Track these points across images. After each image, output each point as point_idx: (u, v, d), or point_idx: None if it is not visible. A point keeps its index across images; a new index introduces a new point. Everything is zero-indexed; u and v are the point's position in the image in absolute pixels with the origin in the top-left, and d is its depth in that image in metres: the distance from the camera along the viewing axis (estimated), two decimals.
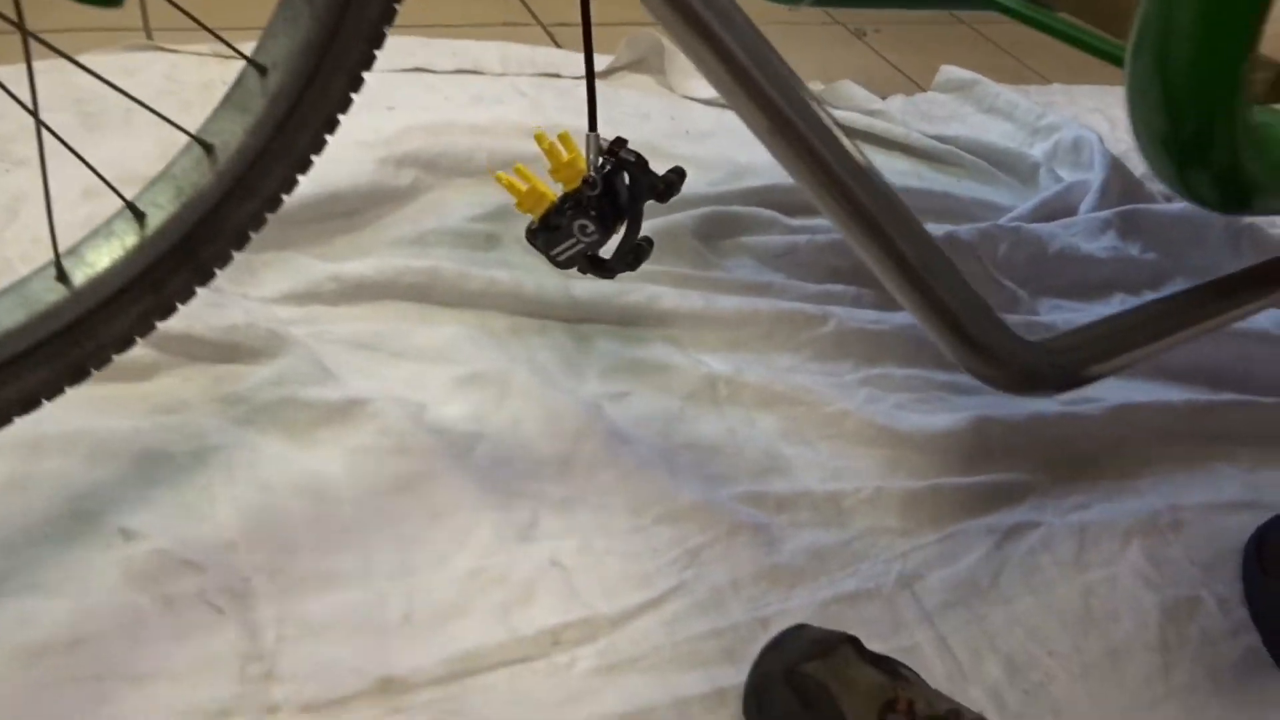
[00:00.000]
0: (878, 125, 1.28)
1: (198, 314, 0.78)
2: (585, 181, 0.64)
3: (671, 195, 0.66)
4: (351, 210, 0.96)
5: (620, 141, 0.65)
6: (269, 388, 0.76)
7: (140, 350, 0.75)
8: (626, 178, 0.64)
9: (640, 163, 0.64)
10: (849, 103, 1.33)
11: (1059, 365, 0.62)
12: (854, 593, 0.72)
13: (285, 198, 0.59)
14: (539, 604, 0.67)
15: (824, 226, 1.06)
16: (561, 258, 0.66)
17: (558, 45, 1.40)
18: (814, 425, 0.85)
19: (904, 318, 0.97)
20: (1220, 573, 0.79)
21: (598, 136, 0.64)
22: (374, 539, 0.68)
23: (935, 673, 0.68)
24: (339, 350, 0.81)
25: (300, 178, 0.58)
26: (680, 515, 0.74)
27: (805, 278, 1.01)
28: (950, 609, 0.72)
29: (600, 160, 0.64)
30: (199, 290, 0.60)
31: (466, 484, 0.73)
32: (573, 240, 0.65)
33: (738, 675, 0.65)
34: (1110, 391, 0.94)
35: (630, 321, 0.92)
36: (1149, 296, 1.10)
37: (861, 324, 0.95)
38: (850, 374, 0.92)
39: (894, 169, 1.23)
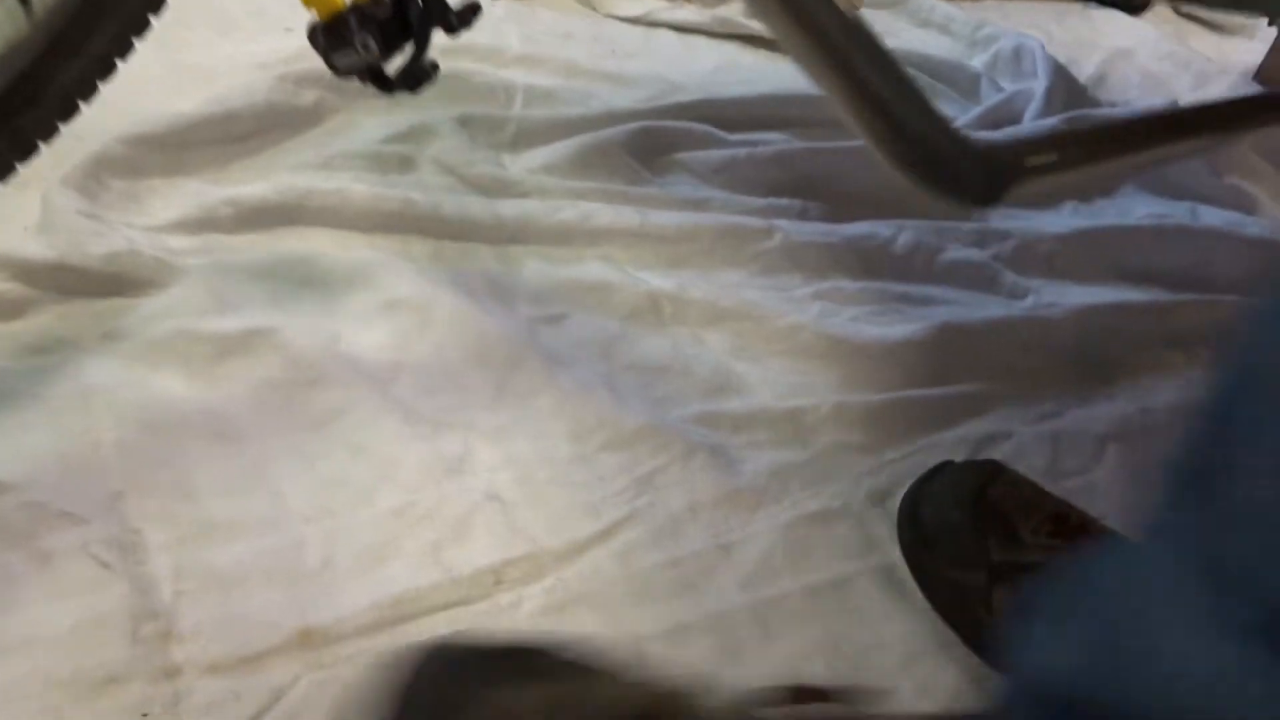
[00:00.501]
0: None
1: (73, 242, 0.69)
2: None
3: (464, 28, 0.66)
4: (248, 133, 0.86)
5: None
6: (159, 321, 0.68)
7: (3, 285, 0.66)
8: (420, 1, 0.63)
9: None
10: None
11: (996, 158, 0.57)
12: (822, 512, 0.66)
13: (119, 63, 0.51)
14: (476, 541, 0.60)
15: (764, 140, 1.00)
16: (340, 65, 0.65)
17: None
18: (766, 341, 0.79)
19: (855, 229, 0.92)
20: None
21: None
22: (286, 480, 0.61)
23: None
24: (239, 280, 0.73)
25: (136, 41, 0.50)
26: (628, 440, 0.68)
27: (746, 192, 0.94)
28: None
29: None
30: (19, 168, 0.51)
31: (388, 417, 0.66)
32: (354, 52, 0.63)
33: (698, 608, 0.59)
34: (1070, 296, 0.90)
35: (562, 241, 0.84)
36: (1101, 203, 1.07)
37: (809, 237, 0.89)
38: (801, 288, 0.86)
39: None
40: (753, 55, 1.22)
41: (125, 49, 0.52)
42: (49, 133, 0.53)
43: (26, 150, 0.52)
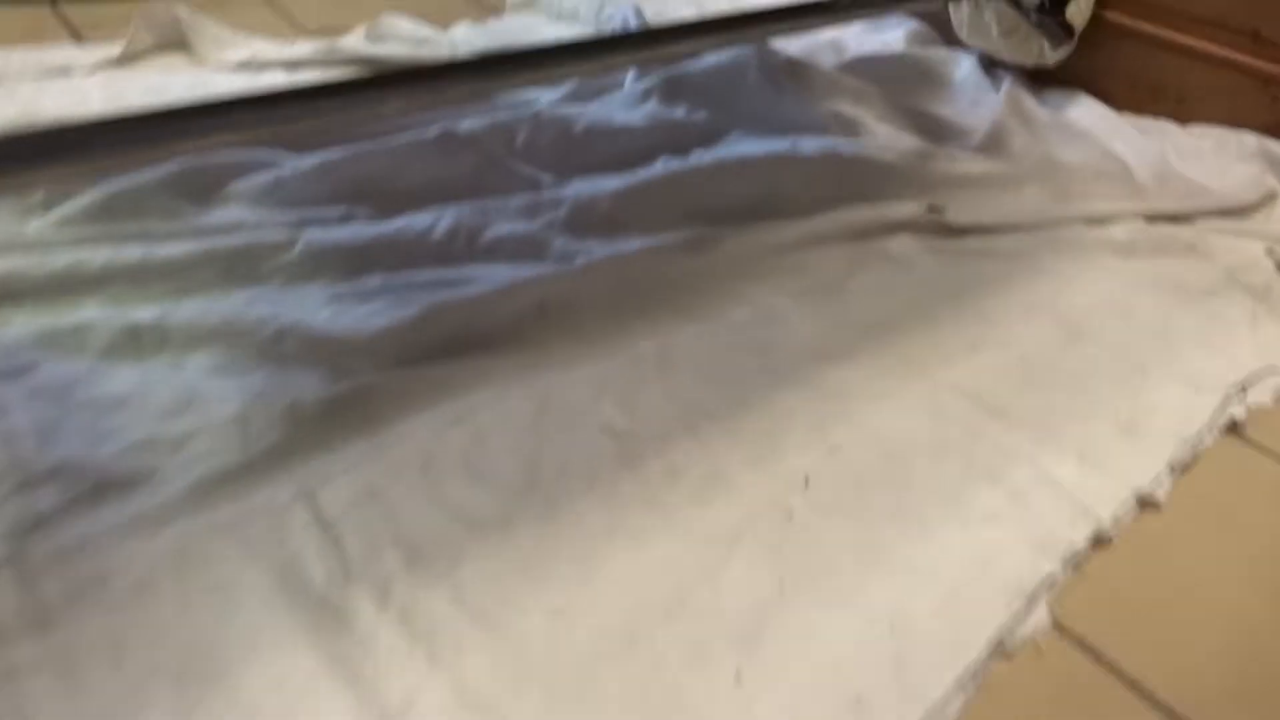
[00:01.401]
0: (423, 53, 1.20)
1: None
2: None
3: None
4: None
5: None
6: None
7: None
8: None
9: None
10: (394, 35, 1.24)
11: None
12: (235, 519, 0.61)
13: None
14: None
15: (320, 154, 0.96)
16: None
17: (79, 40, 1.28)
18: (253, 354, 0.75)
19: (391, 224, 0.88)
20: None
21: None
22: None
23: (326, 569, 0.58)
24: None
25: None
26: (31, 484, 0.62)
27: (291, 207, 0.90)
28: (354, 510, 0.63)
29: None
30: None
31: None
32: None
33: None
34: (621, 248, 0.86)
35: (60, 290, 0.80)
36: (700, 154, 1.04)
37: (339, 240, 0.86)
38: (323, 291, 0.81)
39: None
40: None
41: None
42: None
43: None
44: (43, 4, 1.36)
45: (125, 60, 1.21)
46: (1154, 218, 0.92)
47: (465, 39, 1.27)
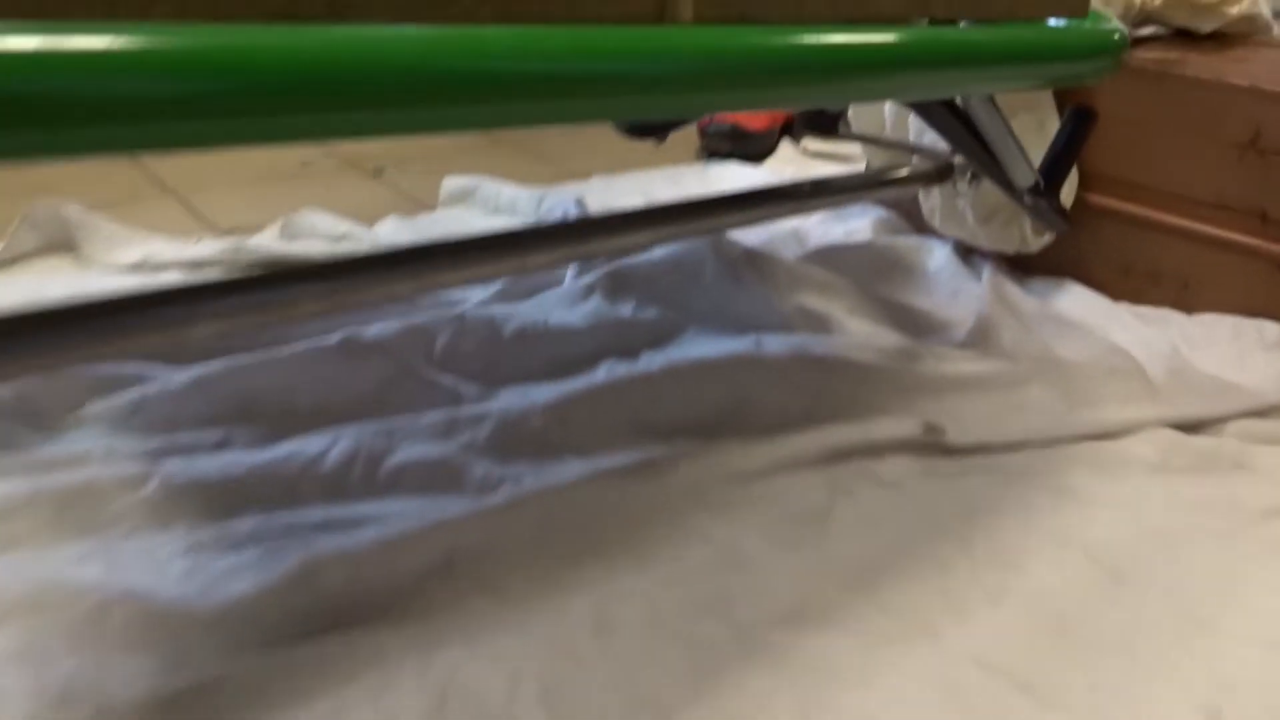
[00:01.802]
0: (341, 249, 1.08)
1: None
2: None
3: None
4: None
5: None
6: None
7: None
8: None
9: None
10: (311, 232, 1.13)
11: None
12: None
13: None
14: None
15: (199, 367, 0.82)
16: None
17: None
18: (62, 635, 0.57)
19: (274, 451, 0.73)
20: None
21: None
22: None
23: None
24: None
25: None
26: None
27: (148, 433, 0.75)
28: None
29: None
30: None
31: None
32: None
33: None
34: (562, 473, 0.71)
35: None
36: (651, 357, 0.90)
37: (205, 474, 0.70)
38: (176, 542, 0.65)
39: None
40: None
41: None
42: None
43: None
44: None
45: (2, 263, 1.07)
46: (1181, 425, 0.79)
47: (391, 234, 1.15)
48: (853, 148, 1.48)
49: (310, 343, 0.82)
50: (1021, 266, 1.12)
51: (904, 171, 0.96)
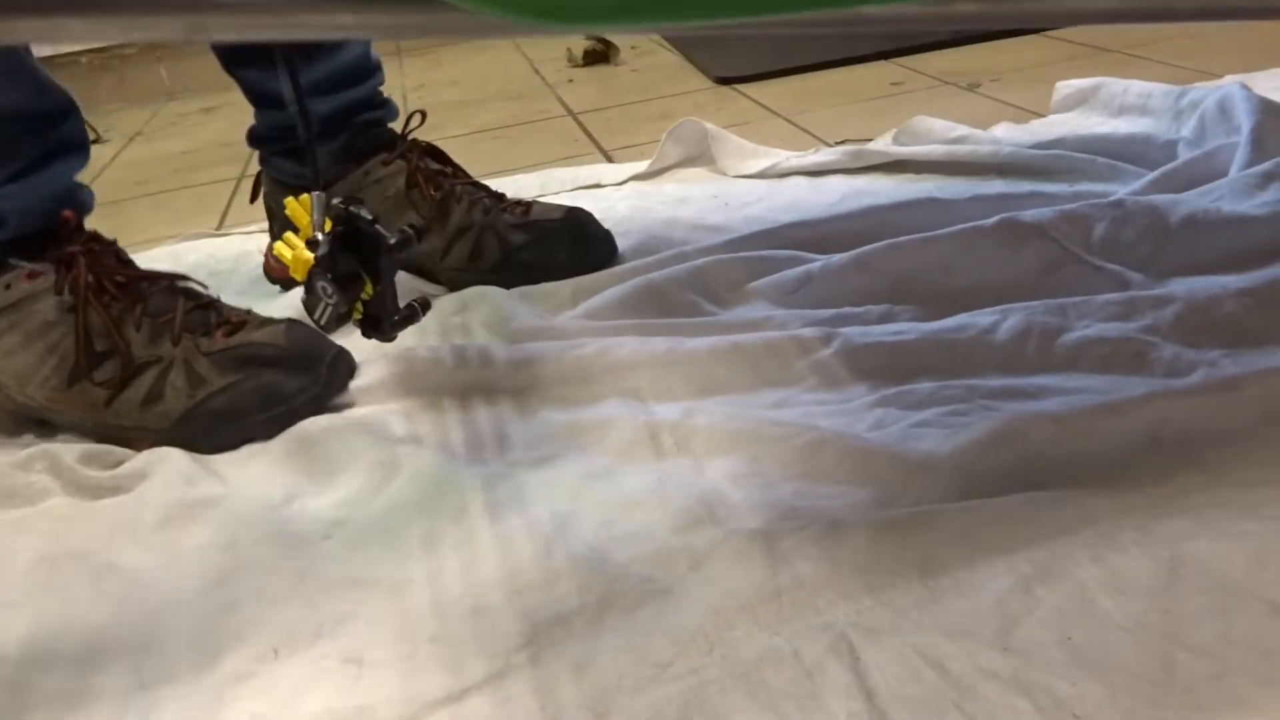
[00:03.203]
0: (960, 151, 1.06)
1: None
2: (308, 243, 0.67)
3: (406, 250, 0.68)
4: None
5: (352, 200, 0.67)
6: None
7: None
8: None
9: (365, 219, 0.66)
10: (927, 137, 1.12)
11: None
12: (761, 656, 0.48)
13: None
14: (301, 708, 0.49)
15: (851, 246, 0.85)
16: (323, 321, 0.67)
17: (610, 159, 1.32)
18: (781, 464, 0.62)
19: (943, 324, 0.74)
20: None
21: (322, 196, 0.67)
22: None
23: None
24: None
25: None
26: (537, 587, 0.54)
27: (821, 305, 0.79)
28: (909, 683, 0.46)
29: (325, 220, 0.67)
30: None
31: (292, 578, 0.58)
32: (322, 303, 0.66)
33: None
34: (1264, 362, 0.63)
35: (581, 380, 0.75)
36: None
37: (880, 339, 0.72)
38: (861, 398, 0.68)
39: (985, 191, 0.99)
40: (888, 181, 1.08)
41: None
42: None
43: None
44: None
45: (650, 174, 1.21)
46: None
47: (1009, 136, 1.11)
48: None
49: (966, 225, 0.81)
50: None
51: None
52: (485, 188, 0.96)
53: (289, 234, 0.69)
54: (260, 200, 0.99)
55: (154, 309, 0.74)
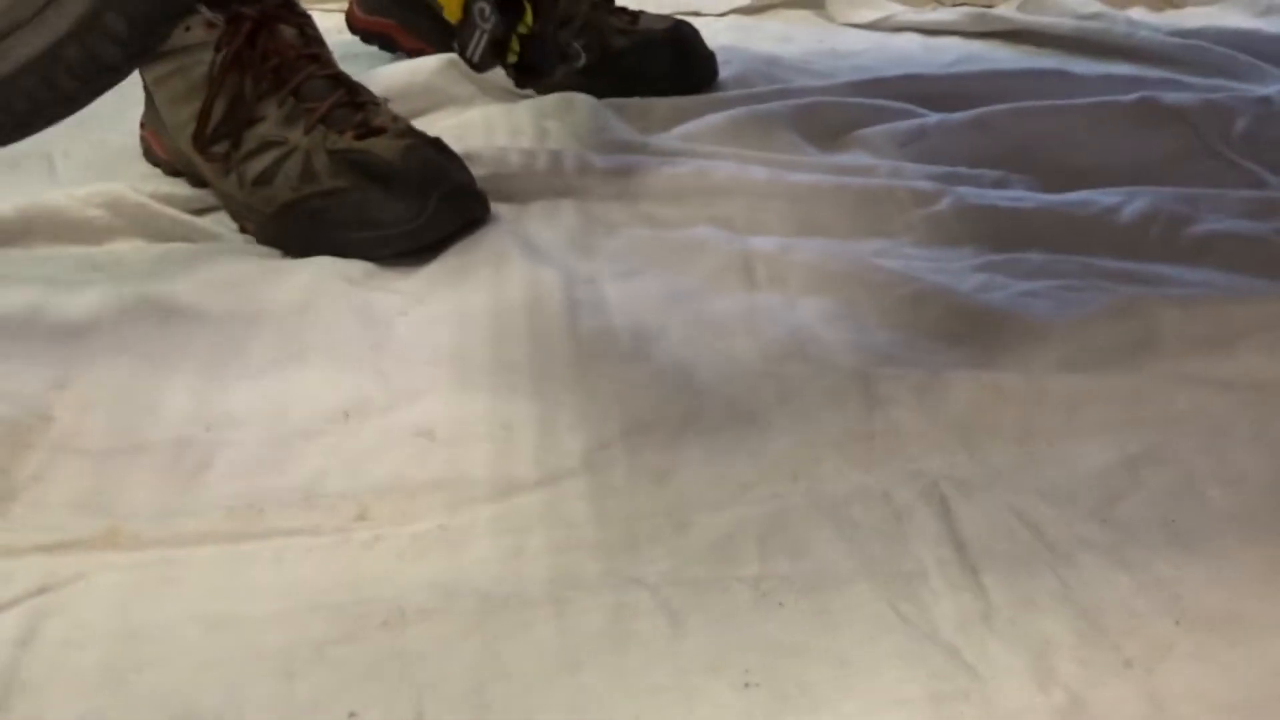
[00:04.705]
0: (1091, 27, 1.00)
1: None
2: None
3: None
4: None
5: None
6: None
7: None
8: None
9: None
10: (1055, 9, 1.05)
11: None
12: (849, 494, 0.46)
13: None
14: (366, 475, 0.48)
15: (969, 107, 0.80)
16: (476, 56, 0.63)
17: None
18: (879, 312, 0.59)
19: (1064, 197, 0.70)
20: None
21: None
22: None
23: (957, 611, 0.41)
24: None
25: None
26: (614, 394, 0.52)
27: (931, 162, 0.75)
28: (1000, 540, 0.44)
29: None
30: None
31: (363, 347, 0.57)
32: (477, 31, 0.63)
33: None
34: None
35: (674, 199, 0.72)
36: None
37: (992, 202, 0.69)
38: (965, 260, 0.65)
39: (1117, 72, 0.93)
40: (1008, 50, 1.01)
41: None
42: None
43: None
44: None
45: (754, 9, 1.15)
46: None
47: (1144, 19, 1.04)
48: None
49: (1098, 99, 0.76)
50: None
51: None
52: None
53: None
54: None
55: (306, 93, 0.69)
